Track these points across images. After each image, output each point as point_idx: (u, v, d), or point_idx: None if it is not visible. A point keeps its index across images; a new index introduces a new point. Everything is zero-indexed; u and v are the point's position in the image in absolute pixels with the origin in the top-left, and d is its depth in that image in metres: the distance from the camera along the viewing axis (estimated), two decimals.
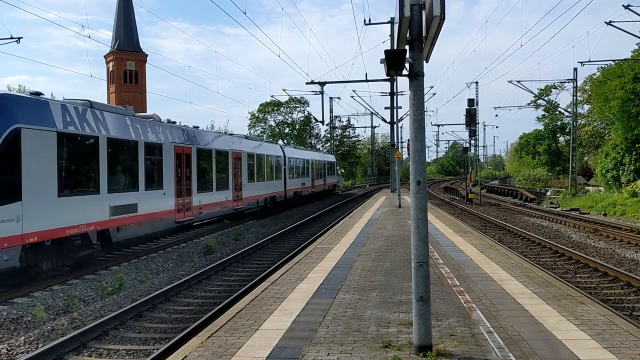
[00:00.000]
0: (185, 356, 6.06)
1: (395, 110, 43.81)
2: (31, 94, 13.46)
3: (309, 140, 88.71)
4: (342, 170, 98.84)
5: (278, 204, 34.98)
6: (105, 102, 55.06)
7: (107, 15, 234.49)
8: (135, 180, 17.05)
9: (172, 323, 10.06)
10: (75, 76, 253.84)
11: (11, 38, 23.53)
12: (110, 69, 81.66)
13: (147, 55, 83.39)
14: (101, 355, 8.32)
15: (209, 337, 6.73)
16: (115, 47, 78.84)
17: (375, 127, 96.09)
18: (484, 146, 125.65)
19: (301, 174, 41.36)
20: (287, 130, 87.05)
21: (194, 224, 23.19)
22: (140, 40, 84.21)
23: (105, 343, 8.81)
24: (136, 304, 10.51)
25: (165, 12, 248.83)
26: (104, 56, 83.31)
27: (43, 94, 13.67)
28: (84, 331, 8.77)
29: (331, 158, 57.20)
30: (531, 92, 48.21)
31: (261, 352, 6.11)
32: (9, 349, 8.54)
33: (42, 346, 8.44)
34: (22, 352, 8.39)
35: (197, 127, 23.62)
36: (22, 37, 23.73)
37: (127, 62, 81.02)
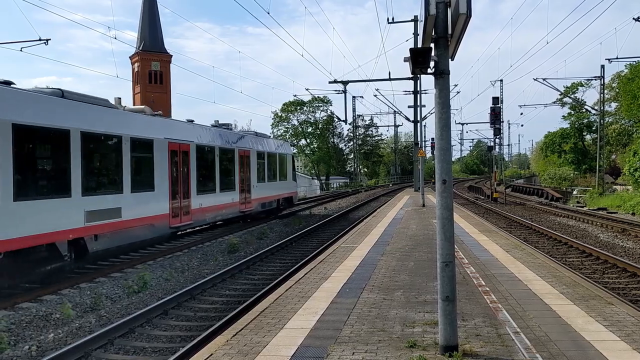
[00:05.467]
0: (211, 354, 6.10)
1: (419, 108, 43.64)
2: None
3: (332, 140, 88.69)
4: (365, 170, 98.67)
5: None
6: (131, 104, 56.03)
7: (132, 16, 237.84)
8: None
9: (197, 321, 10.16)
10: (101, 77, 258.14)
11: (39, 40, 23.92)
12: (136, 69, 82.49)
13: (171, 55, 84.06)
14: (128, 353, 8.45)
15: (234, 336, 6.76)
16: (141, 48, 79.65)
17: (399, 125, 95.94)
18: (508, 145, 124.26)
19: (139, 183, 16.61)
20: (310, 129, 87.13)
21: None
22: (164, 40, 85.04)
23: (131, 340, 8.94)
24: (162, 302, 10.63)
25: (189, 13, 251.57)
26: (130, 57, 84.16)
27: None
28: (110, 329, 8.90)
29: (281, 148, 31.90)
30: (557, 89, 47.82)
31: (286, 351, 6.12)
32: (38, 345, 8.72)
33: (70, 343, 8.58)
34: (52, 349, 8.55)
35: None
36: (50, 39, 24.06)
37: (152, 63, 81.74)
